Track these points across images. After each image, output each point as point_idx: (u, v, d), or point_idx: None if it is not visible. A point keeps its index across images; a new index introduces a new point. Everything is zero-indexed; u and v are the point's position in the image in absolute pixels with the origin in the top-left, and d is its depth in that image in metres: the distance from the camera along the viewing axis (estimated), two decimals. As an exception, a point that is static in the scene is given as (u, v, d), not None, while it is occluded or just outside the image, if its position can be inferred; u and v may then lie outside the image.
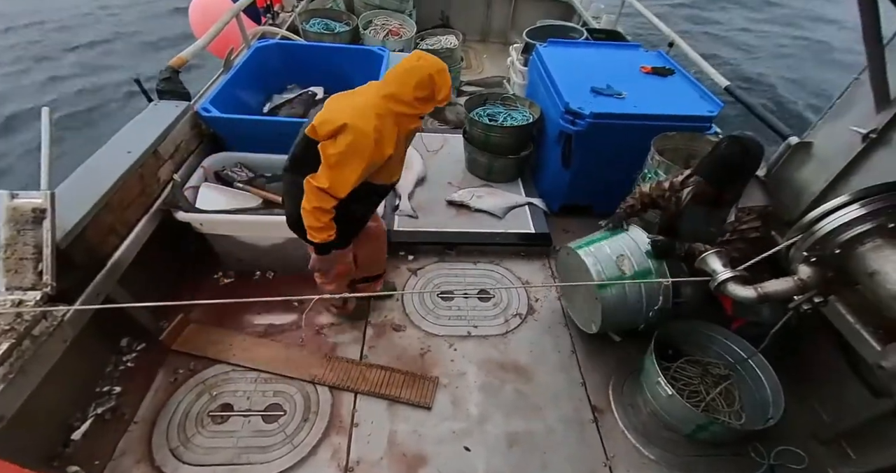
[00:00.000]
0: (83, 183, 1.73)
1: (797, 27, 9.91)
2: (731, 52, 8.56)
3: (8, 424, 1.23)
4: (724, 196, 1.81)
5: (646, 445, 1.90)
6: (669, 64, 2.85)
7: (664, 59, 2.92)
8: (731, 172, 1.71)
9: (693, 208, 1.92)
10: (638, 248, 1.97)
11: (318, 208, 1.50)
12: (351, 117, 1.43)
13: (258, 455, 1.74)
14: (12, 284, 1.37)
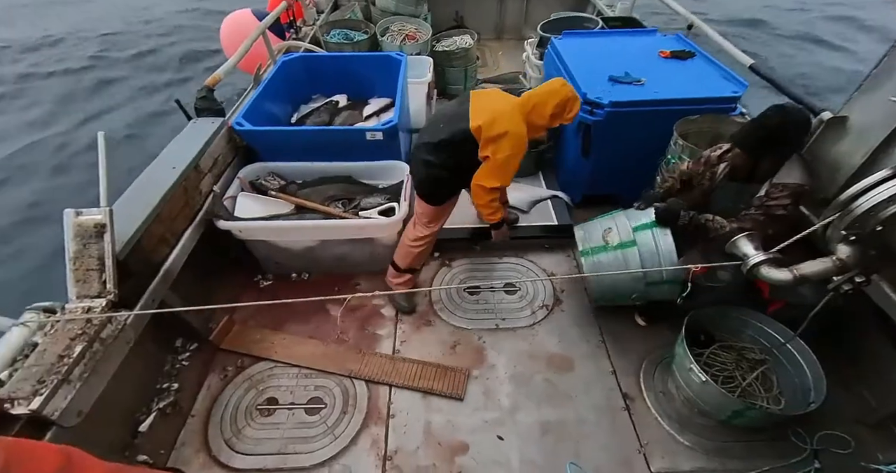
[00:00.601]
0: (136, 198, 1.84)
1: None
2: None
3: (85, 419, 1.33)
4: (760, 167, 1.71)
5: (680, 431, 1.86)
6: (689, 46, 2.72)
7: (683, 42, 2.80)
8: (768, 140, 1.61)
9: (727, 185, 1.84)
10: (627, 223, 1.97)
11: (493, 200, 1.95)
12: (508, 125, 1.79)
13: (303, 446, 1.82)
14: (81, 293, 1.48)
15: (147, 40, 8.12)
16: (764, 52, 7.09)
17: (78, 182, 4.73)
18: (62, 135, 5.59)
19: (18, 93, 6.47)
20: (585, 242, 2.07)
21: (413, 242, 2.17)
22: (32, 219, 4.28)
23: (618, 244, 1.95)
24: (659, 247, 1.87)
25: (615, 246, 1.95)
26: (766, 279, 1.48)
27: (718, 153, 1.85)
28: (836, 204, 1.52)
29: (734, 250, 1.58)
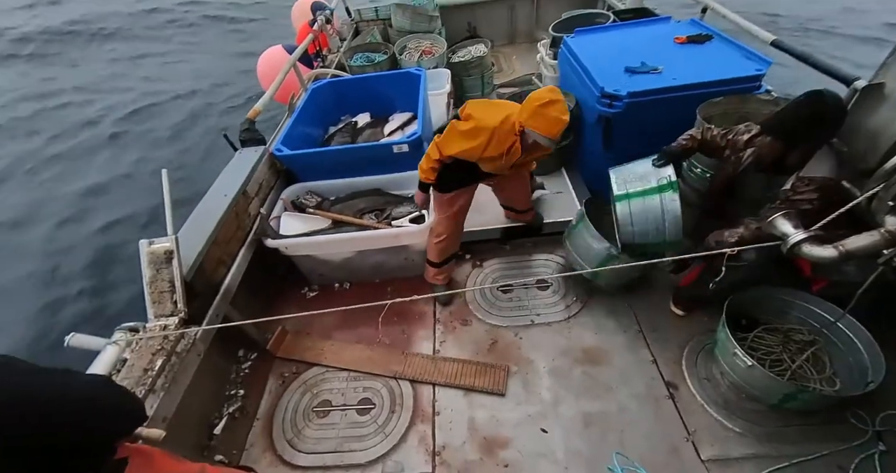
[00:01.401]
0: (196, 225, 2.00)
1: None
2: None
3: (169, 424, 1.47)
4: (789, 156, 1.60)
5: (729, 418, 1.78)
6: (705, 29, 2.61)
7: (699, 26, 2.68)
8: (802, 125, 1.51)
9: (752, 174, 1.74)
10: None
11: (428, 155, 1.95)
12: (482, 116, 1.80)
13: (357, 443, 1.89)
14: (158, 312, 1.64)
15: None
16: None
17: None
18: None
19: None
20: (620, 187, 1.98)
21: (434, 237, 2.23)
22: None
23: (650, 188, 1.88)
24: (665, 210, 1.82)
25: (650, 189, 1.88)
26: (809, 257, 1.40)
27: (747, 137, 1.73)
28: (880, 173, 1.42)
29: (772, 230, 1.50)
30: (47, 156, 6.00)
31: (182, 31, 10.17)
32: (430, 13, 4.51)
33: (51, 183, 5.49)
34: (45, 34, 9.59)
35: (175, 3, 11.15)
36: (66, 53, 9.20)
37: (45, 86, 7.86)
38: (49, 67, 8.68)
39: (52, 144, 6.27)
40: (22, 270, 4.17)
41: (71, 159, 5.98)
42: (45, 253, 4.40)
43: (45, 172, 5.70)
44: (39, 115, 7.01)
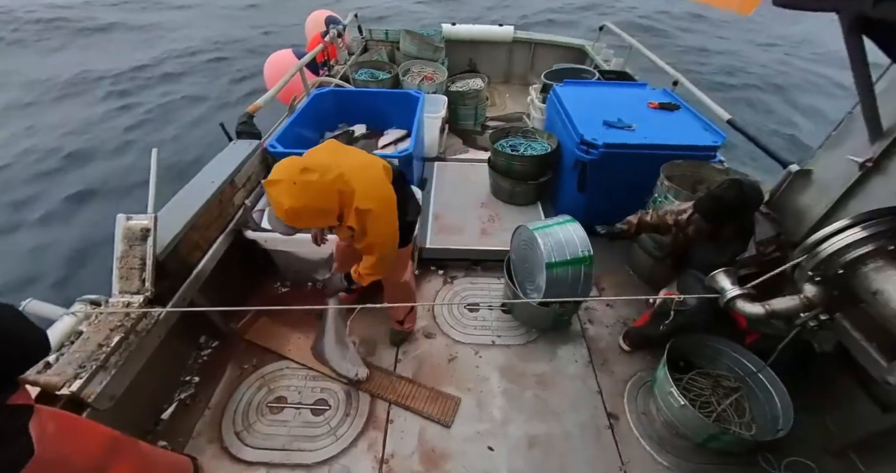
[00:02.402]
0: (178, 207, 1.92)
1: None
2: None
3: (116, 403, 1.37)
4: (721, 231, 1.82)
5: (659, 452, 1.85)
6: (675, 100, 2.87)
7: (670, 96, 2.95)
8: (726, 210, 1.73)
9: (701, 242, 1.93)
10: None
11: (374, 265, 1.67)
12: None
13: (307, 443, 1.82)
14: (123, 289, 1.55)
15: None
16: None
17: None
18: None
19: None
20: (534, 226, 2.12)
21: (408, 297, 2.08)
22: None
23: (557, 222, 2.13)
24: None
25: (556, 223, 2.13)
26: (740, 312, 1.51)
27: (685, 216, 1.94)
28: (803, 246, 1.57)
29: (713, 284, 1.63)
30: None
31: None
32: (437, 44, 4.68)
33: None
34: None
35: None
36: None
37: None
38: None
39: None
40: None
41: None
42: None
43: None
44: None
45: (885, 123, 1.44)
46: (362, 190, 1.37)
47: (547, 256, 1.98)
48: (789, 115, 7.30)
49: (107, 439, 1.08)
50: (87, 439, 1.02)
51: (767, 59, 9.63)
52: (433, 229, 2.89)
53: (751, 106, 7.48)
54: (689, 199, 2.14)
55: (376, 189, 1.42)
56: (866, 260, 1.25)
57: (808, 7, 1.16)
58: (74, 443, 0.97)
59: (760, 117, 7.11)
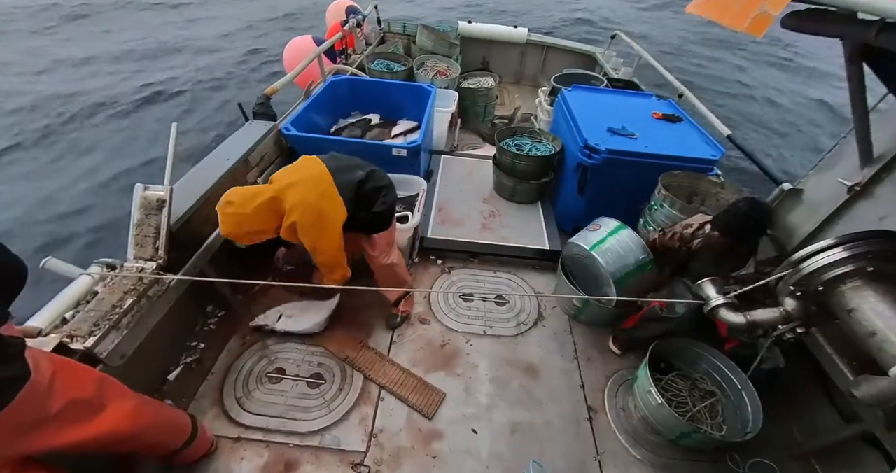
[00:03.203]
0: (193, 181, 1.94)
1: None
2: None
3: (126, 361, 1.40)
4: (733, 249, 1.80)
5: (633, 445, 1.90)
6: (678, 112, 2.88)
7: (674, 108, 2.96)
8: (753, 229, 1.71)
9: (703, 254, 1.91)
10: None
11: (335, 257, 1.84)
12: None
13: (302, 413, 1.86)
14: (138, 255, 1.57)
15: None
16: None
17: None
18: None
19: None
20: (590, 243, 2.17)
21: (403, 275, 2.17)
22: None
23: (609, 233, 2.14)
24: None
25: (608, 233, 2.13)
26: (723, 320, 1.55)
27: (691, 230, 1.92)
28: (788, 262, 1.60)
29: (699, 292, 1.66)
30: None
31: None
32: (452, 40, 4.65)
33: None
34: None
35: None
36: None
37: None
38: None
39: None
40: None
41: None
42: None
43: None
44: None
45: (877, 149, 1.46)
46: (291, 206, 1.59)
47: (612, 274, 2.04)
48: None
49: (97, 378, 1.12)
50: (78, 375, 1.06)
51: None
52: (435, 220, 2.92)
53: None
54: (683, 210, 2.16)
55: (304, 204, 1.59)
56: (845, 279, 1.28)
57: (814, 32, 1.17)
58: (67, 377, 1.01)
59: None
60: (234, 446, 1.73)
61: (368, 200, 1.76)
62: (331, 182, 1.65)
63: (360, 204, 1.74)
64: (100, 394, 1.08)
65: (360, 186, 1.73)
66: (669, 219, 2.21)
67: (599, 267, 2.07)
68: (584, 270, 2.28)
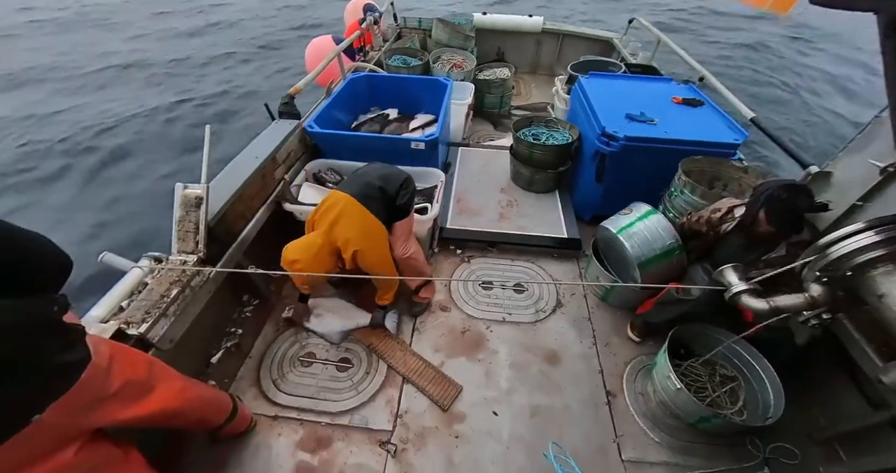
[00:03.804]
0: (227, 179, 2.02)
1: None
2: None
3: (175, 346, 1.50)
4: (777, 238, 1.68)
5: (652, 429, 1.89)
6: (699, 96, 2.75)
7: (694, 92, 2.83)
8: (800, 218, 1.59)
9: (732, 240, 1.82)
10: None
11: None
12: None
13: (332, 395, 1.94)
14: (181, 249, 1.66)
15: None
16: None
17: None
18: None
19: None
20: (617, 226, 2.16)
21: (422, 265, 2.21)
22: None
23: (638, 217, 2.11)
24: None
25: (638, 218, 2.11)
26: (745, 306, 1.50)
27: (719, 215, 1.82)
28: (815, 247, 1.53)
29: (720, 278, 1.61)
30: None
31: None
32: (467, 32, 4.58)
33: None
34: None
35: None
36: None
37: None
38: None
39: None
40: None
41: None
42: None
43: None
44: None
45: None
46: (343, 242, 1.76)
47: (637, 258, 2.02)
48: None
49: (148, 361, 1.21)
50: (132, 358, 1.15)
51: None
52: (454, 210, 2.93)
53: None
54: (704, 195, 2.09)
55: (354, 236, 1.77)
56: (876, 264, 1.22)
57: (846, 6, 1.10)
58: (123, 359, 1.09)
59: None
60: (272, 423, 1.83)
61: (393, 201, 1.91)
62: (362, 208, 1.80)
63: (388, 208, 1.90)
64: (150, 376, 1.17)
65: (384, 196, 1.88)
66: (690, 205, 2.14)
67: (626, 250, 2.05)
68: (615, 253, 2.26)
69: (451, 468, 1.72)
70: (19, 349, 0.84)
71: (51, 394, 0.89)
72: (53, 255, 0.93)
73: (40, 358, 0.87)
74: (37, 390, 0.88)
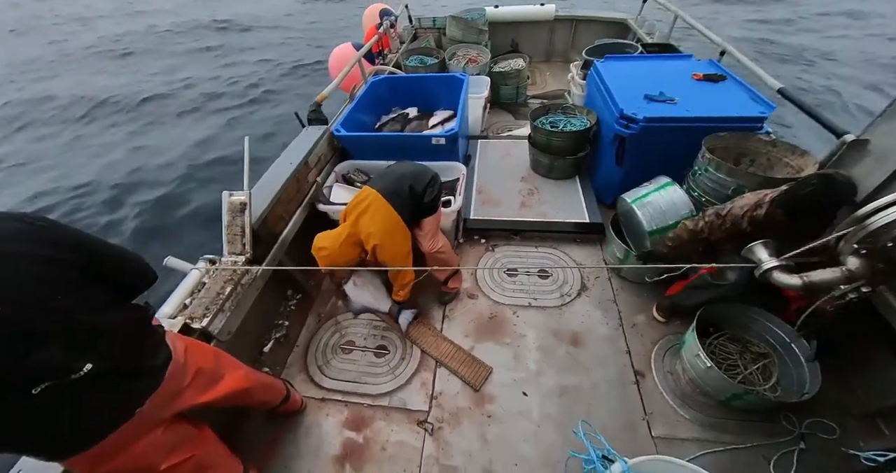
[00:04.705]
0: (266, 185, 2.12)
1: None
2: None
3: (232, 337, 1.63)
4: (798, 227, 1.51)
5: (682, 406, 1.85)
6: (721, 70, 2.57)
7: (716, 67, 2.64)
8: (810, 209, 1.43)
9: (768, 233, 1.59)
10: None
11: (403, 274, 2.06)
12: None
13: (371, 379, 2.03)
14: (230, 251, 1.78)
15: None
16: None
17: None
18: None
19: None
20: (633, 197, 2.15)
21: (449, 257, 2.23)
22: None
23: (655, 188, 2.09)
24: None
25: (654, 189, 2.09)
26: (777, 283, 1.42)
27: (745, 210, 1.59)
28: (852, 218, 1.43)
29: (749, 255, 1.52)
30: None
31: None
32: (480, 27, 4.50)
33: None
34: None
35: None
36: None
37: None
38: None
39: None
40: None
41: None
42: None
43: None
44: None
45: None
46: (366, 235, 1.81)
47: (648, 225, 1.99)
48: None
49: (214, 351, 1.33)
50: (201, 350, 1.26)
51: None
52: (476, 202, 2.93)
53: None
54: (731, 173, 1.96)
55: (375, 231, 1.81)
56: (919, 233, 1.13)
57: None
58: (195, 352, 1.21)
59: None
60: (320, 405, 1.95)
61: (421, 199, 1.94)
62: (386, 204, 1.84)
63: (416, 206, 1.93)
64: (218, 365, 1.29)
65: (412, 194, 1.90)
66: (716, 183, 2.02)
67: (638, 218, 2.01)
68: (633, 225, 2.21)
69: (484, 445, 1.76)
70: (137, 352, 0.97)
71: (149, 390, 1.02)
72: (145, 269, 1.05)
73: (145, 359, 1.01)
74: (142, 387, 1.01)
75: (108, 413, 0.95)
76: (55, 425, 0.85)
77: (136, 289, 1.02)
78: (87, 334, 0.84)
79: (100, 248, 0.93)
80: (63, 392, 0.82)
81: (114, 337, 0.90)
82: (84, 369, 0.81)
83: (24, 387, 0.77)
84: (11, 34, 12.60)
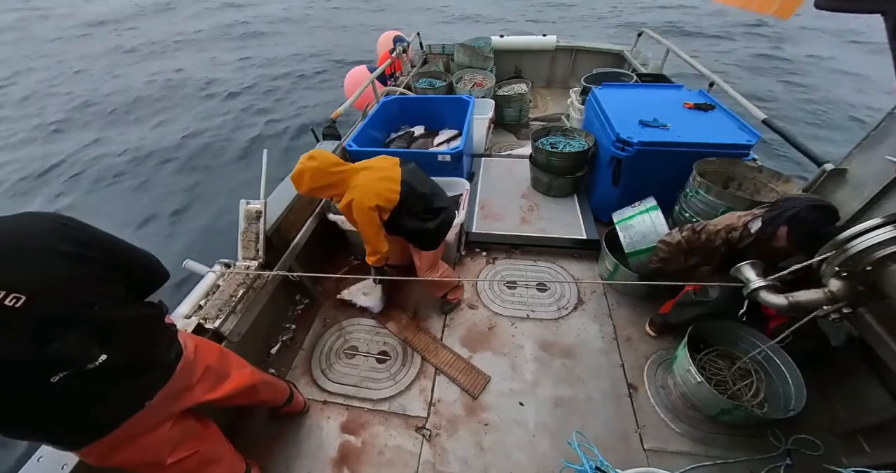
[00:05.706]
0: (280, 195, 2.18)
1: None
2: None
3: (242, 338, 1.64)
4: (795, 251, 1.55)
5: (673, 420, 1.84)
6: (710, 100, 2.66)
7: (705, 97, 2.74)
8: (823, 239, 1.45)
9: (749, 253, 1.65)
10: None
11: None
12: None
13: (372, 384, 2.03)
14: (244, 256, 1.82)
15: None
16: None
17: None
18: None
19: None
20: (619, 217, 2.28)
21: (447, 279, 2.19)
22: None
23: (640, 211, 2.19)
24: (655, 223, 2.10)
25: (639, 212, 2.19)
26: (763, 302, 1.44)
27: (737, 234, 1.64)
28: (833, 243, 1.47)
29: (738, 275, 1.55)
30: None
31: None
32: (486, 54, 4.66)
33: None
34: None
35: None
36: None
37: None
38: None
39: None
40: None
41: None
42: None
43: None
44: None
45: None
46: (354, 185, 1.66)
47: (627, 247, 2.08)
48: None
49: (221, 351, 1.34)
50: (210, 349, 1.28)
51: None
52: (478, 216, 2.98)
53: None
54: (720, 195, 2.02)
55: (364, 186, 1.65)
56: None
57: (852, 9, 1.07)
58: (204, 350, 1.23)
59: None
60: (322, 407, 1.94)
61: (421, 209, 1.79)
62: (397, 171, 1.72)
63: (410, 212, 1.76)
64: (224, 364, 1.30)
65: (421, 197, 1.78)
66: (706, 205, 2.08)
67: (621, 239, 2.14)
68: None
69: (480, 452, 1.75)
70: (149, 347, 1.00)
71: (160, 384, 1.05)
72: (158, 268, 1.09)
73: (157, 354, 1.03)
74: (152, 381, 1.04)
75: (119, 403, 0.97)
76: (70, 413, 0.88)
77: (150, 286, 1.05)
78: (105, 327, 0.87)
79: (121, 248, 0.98)
80: (78, 381, 0.84)
81: (128, 332, 0.93)
82: (99, 359, 0.84)
83: (45, 375, 0.79)
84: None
